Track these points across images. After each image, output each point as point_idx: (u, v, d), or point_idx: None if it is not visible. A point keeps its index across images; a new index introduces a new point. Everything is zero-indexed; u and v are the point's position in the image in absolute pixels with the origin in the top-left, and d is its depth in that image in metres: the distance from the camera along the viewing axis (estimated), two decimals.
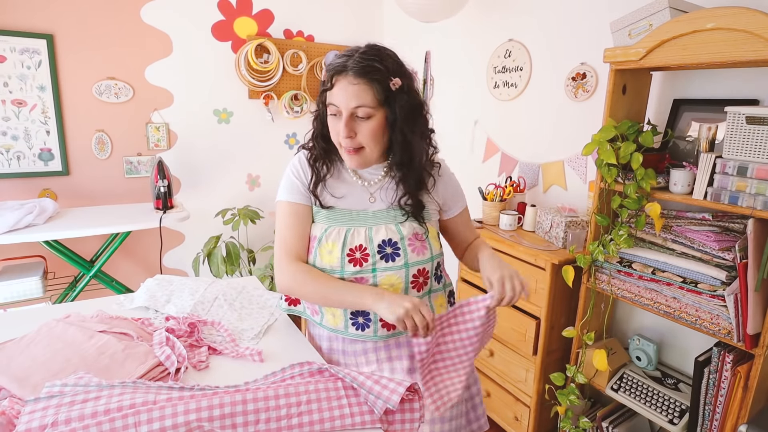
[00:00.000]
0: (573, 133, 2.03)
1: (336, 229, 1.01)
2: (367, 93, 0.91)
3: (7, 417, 0.72)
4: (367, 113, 0.93)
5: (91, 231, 2.02)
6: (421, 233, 1.02)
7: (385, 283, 0.99)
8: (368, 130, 0.94)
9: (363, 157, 0.99)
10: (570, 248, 1.70)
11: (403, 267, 0.99)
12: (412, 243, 1.00)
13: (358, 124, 0.94)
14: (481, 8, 2.42)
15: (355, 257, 0.98)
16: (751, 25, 1.14)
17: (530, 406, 1.87)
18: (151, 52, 2.47)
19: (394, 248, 0.99)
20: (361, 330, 1.01)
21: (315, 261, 1.02)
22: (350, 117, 0.93)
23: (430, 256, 1.03)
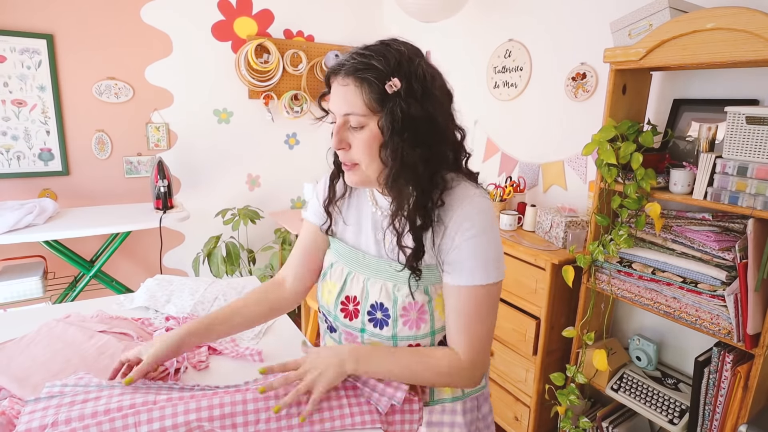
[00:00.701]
0: (573, 133, 2.03)
1: (341, 267, 0.89)
2: (356, 97, 0.74)
3: (7, 417, 0.72)
4: (358, 122, 0.75)
5: (91, 231, 2.02)
6: (423, 303, 0.81)
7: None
8: (360, 142, 0.76)
9: (359, 174, 0.80)
10: (570, 248, 1.70)
11: (391, 339, 0.82)
12: (406, 314, 0.81)
13: (351, 134, 0.77)
14: (481, 8, 2.42)
15: (347, 308, 0.86)
16: (751, 25, 1.14)
17: (530, 406, 1.87)
18: (151, 52, 2.47)
19: (384, 314, 0.82)
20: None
21: (318, 295, 0.95)
22: (342, 125, 0.77)
23: (430, 331, 0.82)
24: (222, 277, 2.49)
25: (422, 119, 0.74)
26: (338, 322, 0.88)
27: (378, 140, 0.76)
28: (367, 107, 0.74)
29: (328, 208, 0.91)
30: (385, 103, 0.74)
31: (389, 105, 0.73)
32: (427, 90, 0.75)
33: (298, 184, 3.05)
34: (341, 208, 0.92)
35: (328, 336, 0.96)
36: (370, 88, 0.73)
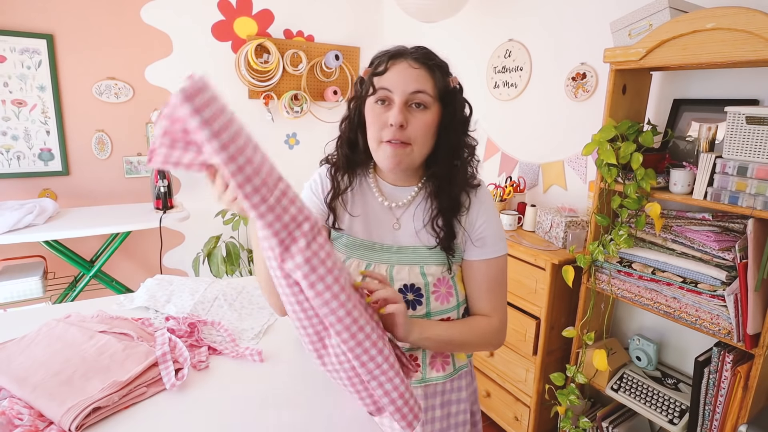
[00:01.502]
0: (573, 133, 2.03)
1: (355, 261, 0.90)
2: (427, 80, 0.82)
3: (7, 417, 0.72)
4: (425, 101, 0.82)
5: (91, 231, 2.02)
6: (448, 277, 0.89)
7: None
8: (422, 123, 0.82)
9: (407, 155, 0.84)
10: (570, 248, 1.70)
11: (425, 317, 0.88)
12: (437, 290, 0.88)
13: (411, 114, 0.82)
14: (481, 8, 2.42)
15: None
16: (751, 25, 1.14)
17: (530, 406, 1.87)
18: (151, 52, 2.47)
19: (417, 295, 0.88)
20: None
21: None
22: (404, 104, 0.82)
23: (456, 303, 0.90)
24: (222, 277, 2.49)
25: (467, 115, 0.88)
26: None
27: (436, 123, 0.84)
28: (436, 91, 0.83)
29: (332, 203, 0.92)
30: (447, 94, 0.84)
31: (451, 97, 0.85)
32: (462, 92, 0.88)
33: (298, 184, 3.00)
34: (346, 202, 0.92)
35: None
36: (441, 76, 0.84)
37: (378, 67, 0.84)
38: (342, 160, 0.92)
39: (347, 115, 0.92)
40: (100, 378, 0.81)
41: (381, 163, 0.87)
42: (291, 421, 0.80)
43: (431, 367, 0.93)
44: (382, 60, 0.85)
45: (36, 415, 0.74)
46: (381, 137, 0.84)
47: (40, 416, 0.74)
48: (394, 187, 0.92)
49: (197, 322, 1.08)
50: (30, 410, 0.75)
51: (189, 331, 1.05)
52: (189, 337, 1.03)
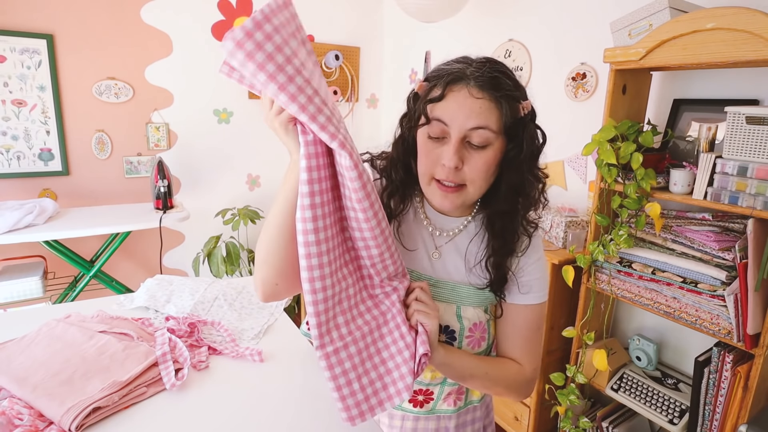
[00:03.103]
0: (573, 133, 2.03)
1: None
2: (491, 113, 0.69)
3: (7, 417, 0.72)
4: (486, 140, 0.70)
5: (91, 231, 2.02)
6: (484, 321, 0.81)
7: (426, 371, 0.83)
8: (481, 163, 0.71)
9: (462, 197, 0.74)
10: (570, 248, 1.70)
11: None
12: (472, 335, 0.80)
13: (468, 152, 0.71)
14: (481, 8, 2.42)
15: None
16: (751, 25, 1.14)
17: (530, 406, 1.87)
18: (151, 52, 2.47)
19: (450, 337, 0.80)
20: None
21: None
22: (461, 141, 0.70)
23: (487, 346, 0.83)
24: (222, 277, 2.49)
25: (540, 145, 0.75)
26: None
27: (498, 160, 0.73)
28: (502, 126, 0.71)
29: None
30: (516, 126, 0.71)
31: (521, 128, 0.72)
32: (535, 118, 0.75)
33: None
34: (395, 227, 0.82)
35: None
36: (509, 107, 0.70)
37: (434, 90, 0.73)
38: (397, 185, 0.81)
39: (401, 134, 0.80)
40: (100, 378, 0.81)
41: (430, 202, 0.78)
42: (291, 421, 0.80)
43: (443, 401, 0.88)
44: (438, 83, 0.72)
45: (36, 415, 0.74)
46: (433, 174, 0.74)
47: (40, 416, 0.74)
48: (442, 216, 0.83)
49: (197, 322, 1.08)
50: (30, 410, 0.75)
51: (189, 331, 1.05)
52: (189, 337, 1.03)
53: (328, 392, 0.88)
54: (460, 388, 0.88)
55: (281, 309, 1.23)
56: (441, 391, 0.87)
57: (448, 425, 0.91)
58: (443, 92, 0.71)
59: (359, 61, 3.09)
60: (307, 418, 0.81)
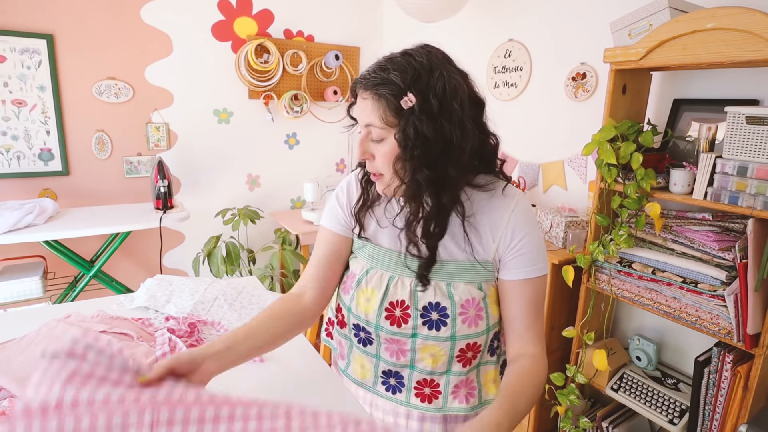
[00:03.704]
0: (573, 133, 2.03)
1: (379, 272, 0.86)
2: (374, 110, 0.75)
3: (7, 417, 0.72)
4: (377, 134, 0.76)
5: (91, 231, 2.02)
6: (479, 299, 0.82)
7: (425, 352, 0.84)
8: (380, 155, 0.77)
9: (383, 184, 0.80)
10: (570, 248, 1.70)
11: (449, 339, 0.82)
12: (465, 311, 0.81)
13: (374, 145, 0.78)
14: (481, 8, 2.42)
15: (394, 314, 0.83)
16: (751, 25, 1.14)
17: None
18: (151, 52, 2.47)
19: (442, 314, 0.81)
20: (392, 393, 0.89)
21: (351, 305, 0.88)
22: (365, 136, 0.78)
23: (486, 327, 0.83)
24: (222, 277, 2.49)
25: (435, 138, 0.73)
26: (381, 331, 0.85)
27: (394, 152, 0.76)
28: (384, 121, 0.75)
29: (360, 212, 0.88)
30: (400, 118, 0.74)
31: (403, 121, 0.73)
32: (446, 105, 0.74)
33: (298, 184, 3.05)
34: (375, 211, 0.88)
35: (359, 351, 0.91)
36: (387, 103, 0.74)
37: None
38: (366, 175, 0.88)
39: None
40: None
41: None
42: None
43: (453, 397, 0.86)
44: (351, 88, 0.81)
45: None
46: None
47: None
48: None
49: (197, 322, 1.08)
50: None
51: (189, 331, 1.05)
52: (189, 337, 1.03)
53: (328, 392, 0.88)
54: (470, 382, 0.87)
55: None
56: (447, 383, 0.86)
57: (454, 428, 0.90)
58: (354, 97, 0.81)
59: (359, 61, 3.09)
60: None
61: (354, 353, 0.93)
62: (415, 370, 0.86)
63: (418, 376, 0.86)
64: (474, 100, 0.81)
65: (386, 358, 0.87)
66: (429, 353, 0.83)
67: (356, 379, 0.93)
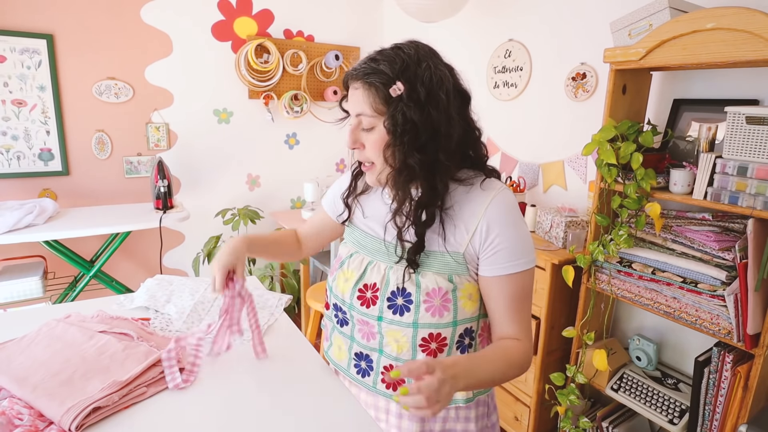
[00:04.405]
0: (573, 133, 2.03)
1: (360, 256, 0.91)
2: (365, 99, 0.79)
3: (7, 417, 0.72)
4: (368, 123, 0.80)
5: (91, 231, 2.02)
6: (447, 290, 0.81)
7: (390, 337, 0.85)
8: (370, 143, 0.81)
9: (374, 173, 0.84)
10: (570, 248, 1.70)
11: (411, 326, 0.83)
12: (430, 300, 0.81)
13: (364, 135, 0.82)
14: (481, 8, 2.42)
15: (365, 296, 0.87)
16: (751, 25, 1.14)
17: (530, 406, 1.87)
18: (151, 52, 2.47)
19: (406, 300, 0.83)
20: (362, 376, 0.92)
21: (333, 285, 0.94)
22: (356, 126, 0.82)
23: (452, 320, 0.82)
24: None
25: (423, 124, 0.76)
26: (354, 311, 0.89)
27: (388, 137, 0.79)
28: (374, 109, 0.79)
29: (347, 199, 0.96)
30: (389, 106, 0.77)
31: (392, 108, 0.77)
32: (432, 94, 0.76)
33: (298, 184, 3.05)
34: (361, 201, 0.96)
35: (337, 332, 0.96)
36: (376, 91, 0.78)
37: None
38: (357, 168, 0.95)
39: None
40: (100, 378, 0.81)
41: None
42: (291, 421, 0.80)
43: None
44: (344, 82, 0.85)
45: (36, 415, 0.74)
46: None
47: (40, 416, 0.74)
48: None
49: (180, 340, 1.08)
50: (30, 410, 0.75)
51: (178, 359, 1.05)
52: None
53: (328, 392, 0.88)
54: None
55: (281, 309, 1.23)
56: None
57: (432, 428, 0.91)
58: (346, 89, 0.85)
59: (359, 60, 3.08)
60: (307, 418, 0.81)
61: (334, 334, 0.98)
62: (383, 355, 0.88)
63: (385, 361, 0.88)
64: (459, 92, 0.83)
65: (359, 340, 0.91)
66: (393, 338, 0.85)
67: (334, 360, 0.98)
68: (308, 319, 2.47)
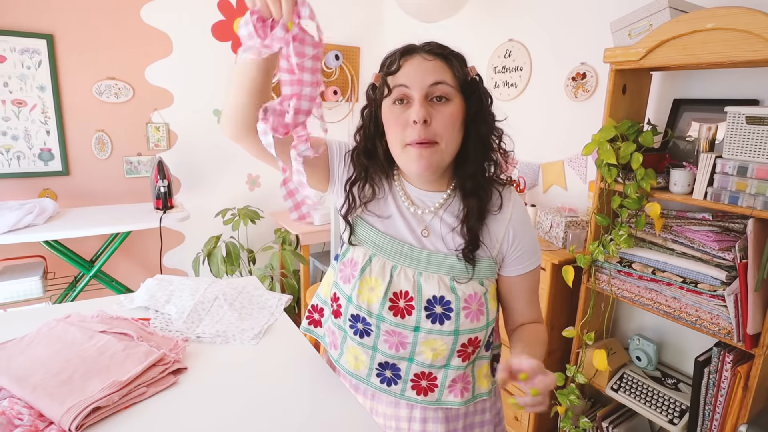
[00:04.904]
0: (573, 133, 2.03)
1: (381, 260, 0.84)
2: (445, 71, 0.77)
3: (7, 417, 0.72)
4: (447, 92, 0.76)
5: (91, 231, 2.02)
6: (480, 294, 0.82)
7: (425, 346, 0.82)
8: (447, 115, 0.76)
9: (436, 154, 0.78)
10: (570, 248, 1.70)
11: (452, 334, 0.81)
12: (468, 306, 0.81)
13: (434, 108, 0.76)
14: (481, 8, 2.42)
15: (398, 305, 0.81)
16: (751, 25, 1.14)
17: None
18: (151, 52, 2.47)
19: (446, 308, 0.80)
20: (387, 384, 0.87)
21: (353, 294, 0.84)
22: (425, 98, 0.76)
23: (486, 322, 0.83)
24: (222, 277, 2.49)
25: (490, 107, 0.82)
26: (384, 322, 0.82)
27: (461, 116, 0.79)
28: (456, 80, 0.78)
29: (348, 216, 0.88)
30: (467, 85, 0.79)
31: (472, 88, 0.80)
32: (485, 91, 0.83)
33: None
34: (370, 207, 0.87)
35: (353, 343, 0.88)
36: (459, 65, 0.79)
37: (390, 66, 0.79)
38: (361, 172, 0.87)
39: (361, 124, 0.87)
40: (100, 378, 0.81)
41: (407, 168, 0.81)
42: (291, 421, 0.80)
43: (449, 391, 0.86)
44: (393, 58, 0.80)
45: (36, 415, 0.74)
46: (404, 139, 0.78)
47: (40, 416, 0.74)
48: (423, 192, 0.87)
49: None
50: (30, 410, 0.75)
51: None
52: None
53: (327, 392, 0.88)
54: (466, 376, 0.87)
55: (281, 309, 1.23)
56: (445, 377, 0.86)
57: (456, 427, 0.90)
58: (399, 63, 0.78)
59: (359, 61, 3.09)
60: (307, 418, 0.81)
61: (347, 344, 0.90)
62: (414, 363, 0.85)
63: (416, 369, 0.85)
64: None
65: (384, 350, 0.85)
66: (430, 347, 0.82)
67: (349, 370, 0.91)
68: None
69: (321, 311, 1.01)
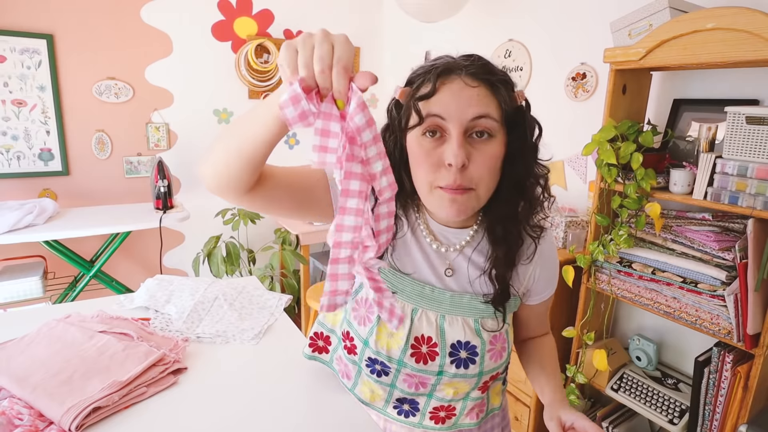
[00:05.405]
0: (573, 133, 2.03)
1: (401, 303, 0.76)
2: (490, 101, 0.64)
3: (7, 417, 0.72)
4: (490, 128, 0.63)
5: (91, 231, 2.02)
6: (503, 332, 0.77)
7: (449, 388, 0.78)
8: (488, 157, 0.64)
9: (472, 201, 0.66)
10: (570, 248, 1.70)
11: (476, 376, 0.76)
12: (493, 348, 0.75)
13: (473, 147, 0.64)
14: (481, 8, 2.42)
15: (420, 351, 0.74)
16: (751, 25, 1.14)
17: (530, 406, 1.87)
18: (151, 52, 2.47)
19: (471, 353, 0.75)
20: (404, 416, 0.83)
21: (370, 339, 0.76)
22: (464, 135, 0.63)
23: (506, 357, 0.79)
24: (222, 277, 2.49)
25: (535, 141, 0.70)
26: (405, 368, 0.76)
27: (503, 155, 0.67)
28: (501, 112, 0.65)
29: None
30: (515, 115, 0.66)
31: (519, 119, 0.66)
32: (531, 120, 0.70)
33: None
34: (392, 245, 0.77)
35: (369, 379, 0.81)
36: (507, 94, 0.65)
37: (422, 87, 0.65)
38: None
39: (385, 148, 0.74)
40: (100, 378, 0.81)
41: (436, 212, 0.70)
42: (291, 421, 0.80)
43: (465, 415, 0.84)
44: (427, 78, 0.65)
45: (36, 415, 0.74)
46: (435, 181, 0.66)
47: (40, 416, 0.74)
48: (446, 229, 0.76)
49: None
50: (30, 410, 0.75)
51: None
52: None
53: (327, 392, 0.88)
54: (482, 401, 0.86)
55: (281, 309, 1.23)
56: (464, 407, 0.84)
57: None
58: (434, 86, 0.63)
59: (359, 61, 3.09)
60: (307, 418, 0.81)
61: (363, 378, 0.84)
62: (433, 398, 0.81)
63: (436, 403, 0.82)
64: None
65: (403, 389, 0.80)
66: (452, 387, 0.78)
67: (364, 400, 0.85)
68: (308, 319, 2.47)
69: (327, 339, 0.90)
